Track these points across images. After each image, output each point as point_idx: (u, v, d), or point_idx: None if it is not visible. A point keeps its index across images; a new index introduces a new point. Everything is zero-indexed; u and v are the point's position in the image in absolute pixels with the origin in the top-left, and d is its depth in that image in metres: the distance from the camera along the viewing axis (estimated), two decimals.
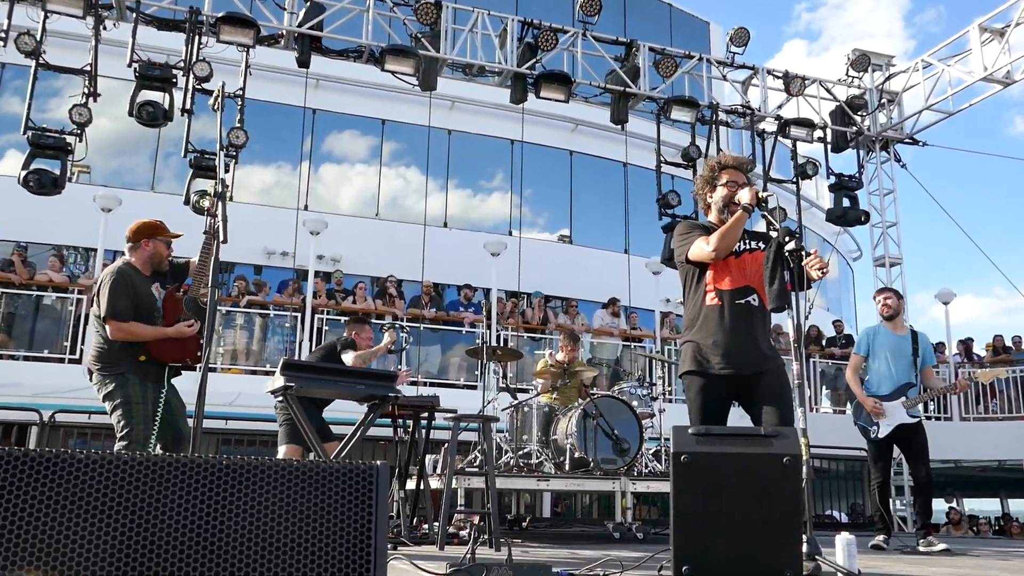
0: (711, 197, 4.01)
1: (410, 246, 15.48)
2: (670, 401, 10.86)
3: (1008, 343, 14.34)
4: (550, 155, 17.13)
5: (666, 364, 10.14)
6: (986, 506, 20.24)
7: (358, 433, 4.65)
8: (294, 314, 11.65)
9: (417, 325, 11.99)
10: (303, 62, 9.67)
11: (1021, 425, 13.15)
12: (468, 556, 2.97)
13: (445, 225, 16.37)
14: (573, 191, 17.44)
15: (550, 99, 10.38)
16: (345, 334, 6.56)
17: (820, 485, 12.68)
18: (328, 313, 11.76)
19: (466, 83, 12.35)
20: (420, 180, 16.66)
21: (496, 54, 10.41)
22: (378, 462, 2.21)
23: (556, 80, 10.18)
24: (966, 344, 14.47)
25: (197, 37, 8.85)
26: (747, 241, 3.91)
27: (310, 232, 12.13)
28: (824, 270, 3.62)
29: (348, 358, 6.23)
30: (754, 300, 3.81)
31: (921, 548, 6.01)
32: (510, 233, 16.44)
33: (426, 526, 5.82)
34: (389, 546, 4.60)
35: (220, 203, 3.61)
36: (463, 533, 6.13)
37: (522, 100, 10.46)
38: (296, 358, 10.98)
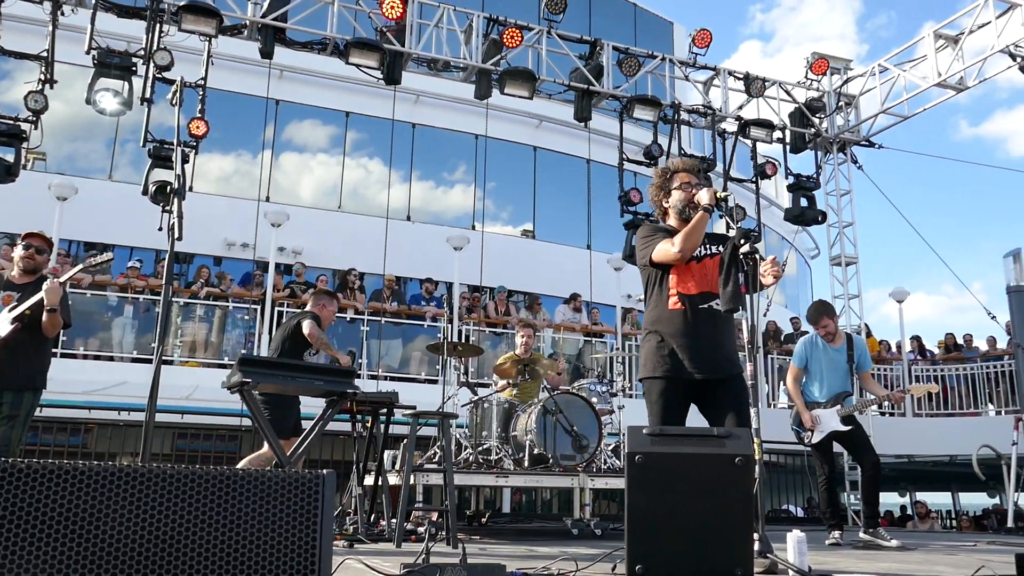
0: (667, 202, 4.05)
1: (372, 239, 15.37)
2: (630, 397, 10.97)
3: (959, 340, 14.69)
4: (514, 150, 17.16)
5: (626, 360, 10.23)
6: (938, 500, 20.73)
7: (315, 429, 4.63)
8: (254, 306, 11.54)
9: (378, 319, 11.95)
10: (266, 53, 9.56)
11: (972, 421, 13.49)
12: (423, 555, 2.98)
13: (408, 218, 16.31)
14: (536, 186, 17.48)
15: (514, 95, 10.41)
16: (309, 306, 6.46)
17: (776, 480, 12.91)
18: (288, 306, 11.66)
19: (431, 78, 12.33)
20: (383, 172, 16.59)
21: (461, 50, 10.39)
22: (324, 471, 2.21)
23: (520, 77, 10.20)
24: (918, 341, 14.79)
25: (158, 25, 8.71)
26: (708, 246, 3.93)
27: (271, 224, 12.01)
28: (777, 276, 3.69)
29: (306, 326, 6.05)
30: (717, 304, 3.83)
31: (865, 536, 6.15)
32: (473, 227, 16.44)
33: (384, 523, 5.81)
34: (344, 544, 4.61)
35: (176, 200, 3.57)
36: (421, 530, 6.14)
37: (487, 96, 10.46)
38: (256, 352, 10.90)
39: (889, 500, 19.52)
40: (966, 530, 14.28)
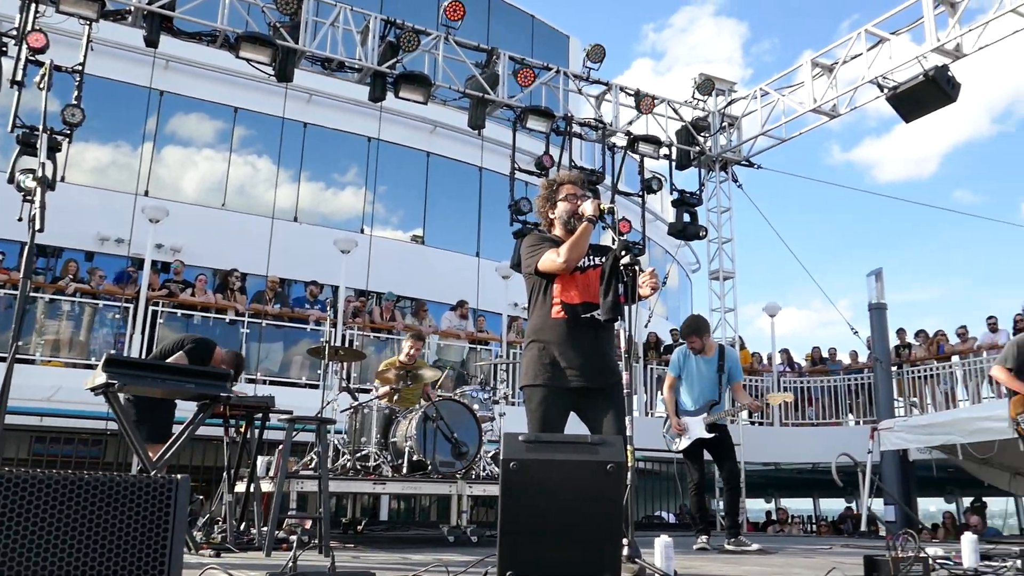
0: (553, 213, 4.12)
1: (257, 238, 15.00)
2: (512, 405, 11.05)
3: (824, 354, 15.51)
4: (407, 155, 17.05)
5: (510, 368, 10.31)
6: (801, 505, 21.75)
7: (185, 434, 4.46)
8: (126, 305, 11.02)
9: (259, 321, 11.64)
10: (151, 42, 9.16)
11: (833, 431, 14.24)
12: (290, 564, 2.91)
13: (295, 219, 15.96)
14: (428, 192, 17.42)
15: (409, 100, 10.36)
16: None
17: (650, 487, 13.25)
18: (164, 305, 11.21)
19: (324, 77, 12.11)
20: (271, 171, 16.16)
21: (357, 50, 10.26)
22: (178, 475, 2.13)
23: (416, 81, 10.16)
24: (787, 354, 15.52)
25: (34, 5, 8.22)
26: (591, 256, 4.02)
27: (149, 219, 11.51)
28: (655, 287, 3.80)
29: (175, 359, 6.01)
30: (598, 314, 3.90)
31: (729, 547, 6.39)
32: (362, 231, 16.23)
33: (255, 531, 5.65)
34: (212, 552, 4.45)
35: (40, 189, 3.38)
36: (293, 538, 5.99)
37: (381, 99, 10.36)
38: (126, 352, 10.41)
39: (756, 506, 20.36)
40: (825, 534, 15.05)
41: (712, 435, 6.57)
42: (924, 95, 10.44)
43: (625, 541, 3.52)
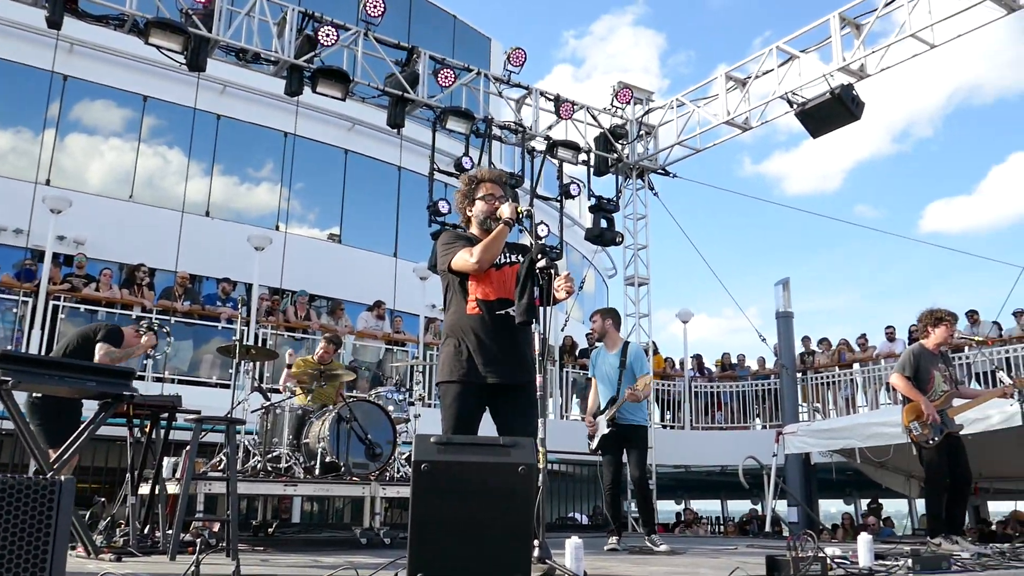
0: (471, 211, 4.13)
1: (166, 232, 14.52)
2: (428, 406, 11.01)
3: (734, 360, 15.96)
4: (324, 152, 16.78)
5: (426, 369, 10.26)
6: (709, 507, 22.29)
7: (85, 434, 4.29)
8: (25, 299, 10.52)
9: (168, 318, 11.27)
10: (54, 23, 8.79)
11: (741, 434, 14.65)
12: (192, 568, 2.83)
13: (207, 214, 15.51)
14: (346, 190, 17.19)
15: (326, 95, 10.22)
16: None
17: (565, 488, 13.37)
18: (66, 300, 10.74)
19: (239, 68, 11.81)
20: (182, 163, 15.67)
21: (273, 42, 10.06)
22: (62, 477, 2.04)
23: (334, 77, 10.03)
24: (698, 360, 15.91)
25: None
26: (508, 254, 4.04)
27: (51, 209, 11.01)
28: (569, 291, 3.84)
29: (100, 351, 5.85)
30: (514, 311, 3.92)
31: (647, 544, 6.51)
32: (277, 227, 15.91)
33: (159, 534, 5.47)
34: (112, 557, 4.29)
35: None
36: (200, 541, 5.83)
37: (297, 93, 10.19)
38: (25, 348, 9.94)
39: (666, 508, 20.77)
40: (731, 535, 15.46)
41: (609, 430, 6.65)
42: (830, 112, 10.85)
43: (536, 542, 3.54)
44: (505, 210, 3.95)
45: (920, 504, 13.92)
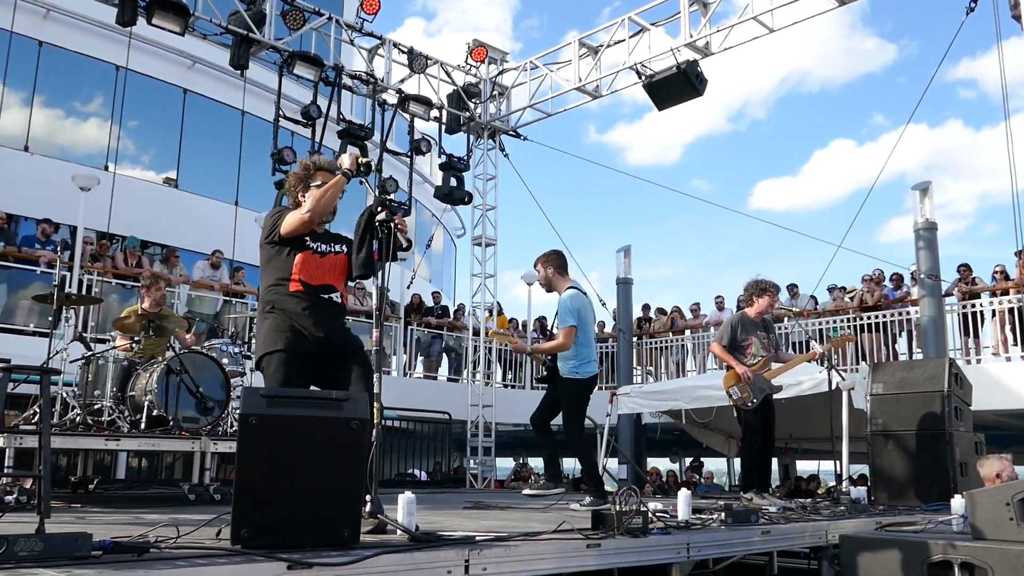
0: (303, 197, 4.02)
1: None
2: None
3: None
4: (161, 89, 15.76)
5: None
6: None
7: None
8: None
9: None
10: None
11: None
12: None
13: (26, 148, 14.28)
14: (184, 132, 16.24)
15: (163, 28, 9.59)
16: None
17: (406, 445, 13.43)
18: None
19: None
20: None
21: None
22: None
23: (171, 9, 9.42)
24: (541, 322, 16.27)
25: None
26: (331, 244, 4.02)
27: None
28: (403, 231, 3.83)
29: None
30: (336, 297, 3.96)
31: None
32: (106, 168, 14.85)
33: None
34: None
35: None
36: (9, 499, 5.45)
37: (131, 23, 9.47)
38: None
39: (505, 465, 21.28)
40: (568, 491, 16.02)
41: (542, 376, 6.77)
42: (676, 86, 11.22)
43: (368, 497, 3.53)
44: (345, 159, 3.88)
45: (737, 462, 14.92)
